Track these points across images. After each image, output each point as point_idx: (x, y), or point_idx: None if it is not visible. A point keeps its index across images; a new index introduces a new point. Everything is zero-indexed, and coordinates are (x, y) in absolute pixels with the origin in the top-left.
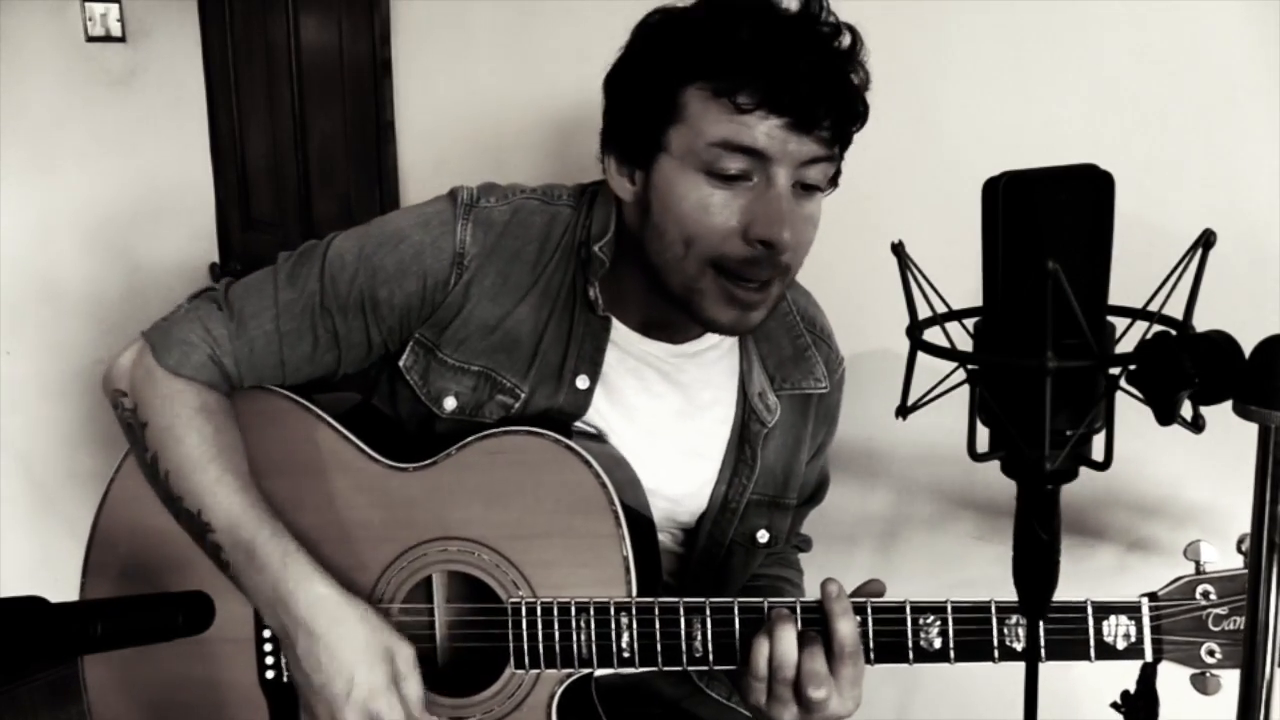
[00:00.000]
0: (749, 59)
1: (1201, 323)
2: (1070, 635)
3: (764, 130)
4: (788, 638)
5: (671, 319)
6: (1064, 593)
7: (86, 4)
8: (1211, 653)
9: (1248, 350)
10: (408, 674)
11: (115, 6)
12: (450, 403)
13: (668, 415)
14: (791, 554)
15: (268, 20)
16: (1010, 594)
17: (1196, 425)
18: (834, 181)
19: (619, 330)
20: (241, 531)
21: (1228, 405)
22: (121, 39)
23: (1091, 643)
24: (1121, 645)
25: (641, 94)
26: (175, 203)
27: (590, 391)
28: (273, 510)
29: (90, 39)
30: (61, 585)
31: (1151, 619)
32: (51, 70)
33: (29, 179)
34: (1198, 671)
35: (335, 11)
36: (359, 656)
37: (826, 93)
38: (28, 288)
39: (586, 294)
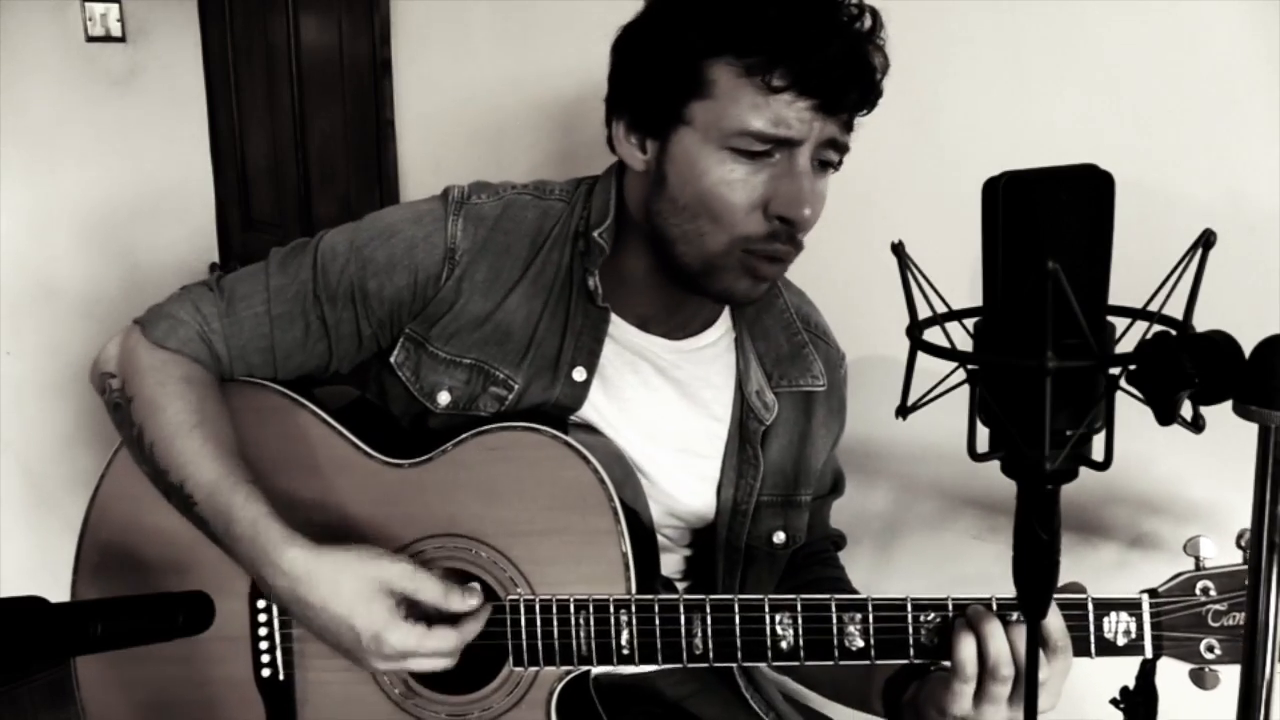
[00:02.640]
0: (782, 38)
1: (1201, 323)
2: (1071, 632)
3: (794, 114)
4: (999, 633)
5: (668, 311)
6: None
7: (86, 4)
8: (1211, 648)
9: (1248, 350)
10: (414, 587)
11: (115, 6)
12: (444, 397)
13: (664, 410)
14: (832, 551)
15: (268, 20)
16: (1011, 590)
17: (1196, 425)
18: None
19: (616, 323)
20: (218, 499)
21: (1228, 405)
22: (121, 39)
23: (1092, 639)
24: (1122, 641)
25: (662, 62)
26: (175, 202)
27: (587, 384)
28: (250, 475)
29: (90, 39)
30: (61, 585)
31: (1151, 615)
32: (51, 70)
33: (29, 179)
34: (1196, 667)
35: (335, 11)
36: (350, 605)
37: (856, 76)
38: (27, 287)
39: (585, 285)
